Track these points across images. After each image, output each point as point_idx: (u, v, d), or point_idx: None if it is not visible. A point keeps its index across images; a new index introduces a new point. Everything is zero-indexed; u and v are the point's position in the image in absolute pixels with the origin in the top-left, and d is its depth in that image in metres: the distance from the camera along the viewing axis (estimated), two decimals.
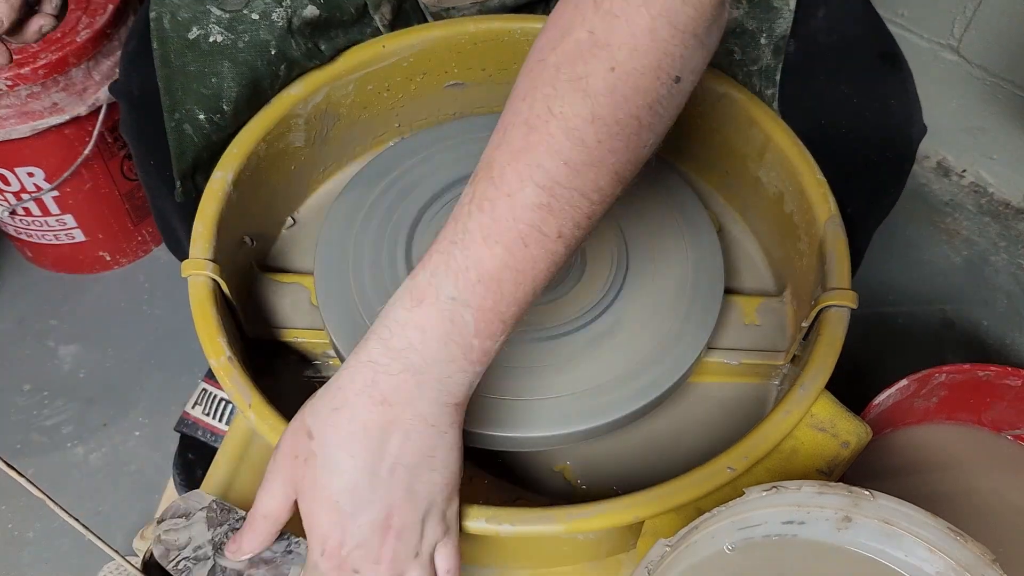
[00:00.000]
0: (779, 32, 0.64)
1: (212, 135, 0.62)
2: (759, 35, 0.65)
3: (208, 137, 0.62)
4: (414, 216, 0.63)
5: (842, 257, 0.58)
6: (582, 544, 0.53)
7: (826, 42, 0.64)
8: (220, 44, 0.61)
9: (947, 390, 0.76)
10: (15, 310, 1.12)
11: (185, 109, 0.61)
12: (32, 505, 0.93)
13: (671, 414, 0.62)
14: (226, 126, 0.62)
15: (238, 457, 0.60)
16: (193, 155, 0.62)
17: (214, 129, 0.62)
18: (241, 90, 0.62)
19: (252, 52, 0.61)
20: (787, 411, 0.51)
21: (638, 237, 0.62)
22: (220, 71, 0.61)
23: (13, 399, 1.02)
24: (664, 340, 0.57)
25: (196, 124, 0.61)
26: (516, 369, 0.55)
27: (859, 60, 0.64)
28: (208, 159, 0.63)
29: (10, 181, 0.99)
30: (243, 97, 0.62)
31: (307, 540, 0.44)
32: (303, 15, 0.62)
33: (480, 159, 0.44)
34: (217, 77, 0.61)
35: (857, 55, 0.64)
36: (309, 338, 0.61)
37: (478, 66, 0.72)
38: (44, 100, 0.91)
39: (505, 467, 0.60)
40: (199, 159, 0.63)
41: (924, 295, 1.15)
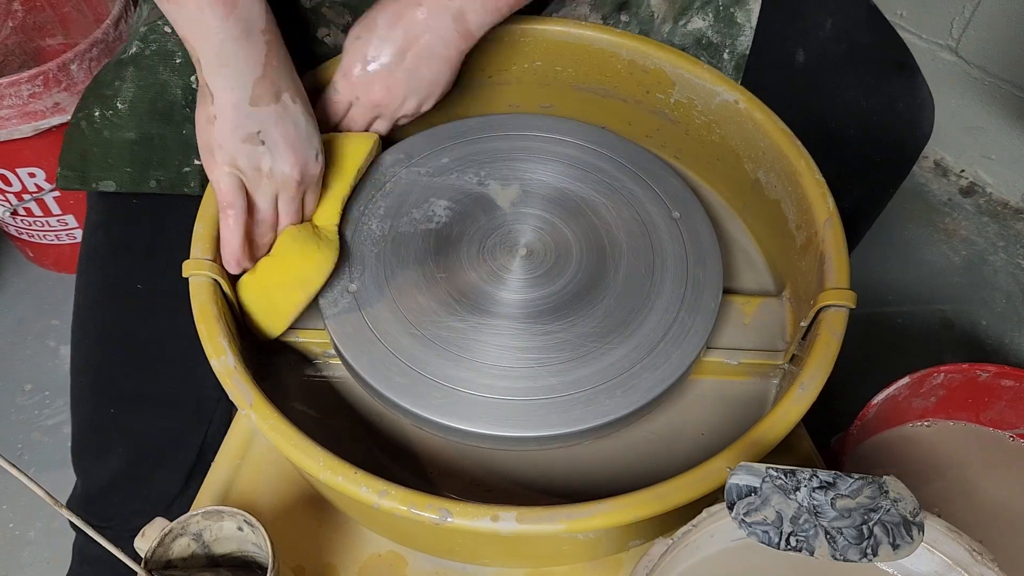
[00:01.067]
0: (740, 49, 0.68)
1: (103, 130, 0.63)
2: (723, 49, 0.69)
3: (99, 132, 0.63)
4: (413, 217, 0.63)
5: (841, 257, 0.58)
6: (582, 543, 0.53)
7: (835, 51, 0.66)
8: (132, 55, 0.64)
9: (945, 390, 0.76)
10: (16, 310, 1.12)
11: (87, 109, 0.64)
12: (33, 505, 0.94)
13: (671, 413, 0.62)
14: (120, 124, 0.63)
15: (239, 457, 0.61)
16: (80, 147, 0.64)
17: (106, 124, 0.63)
18: (139, 91, 0.63)
19: (155, 58, 0.63)
20: (786, 411, 0.52)
21: (637, 236, 0.63)
22: (123, 75, 0.63)
23: (14, 399, 1.03)
24: (663, 340, 0.57)
25: (90, 120, 0.63)
26: (515, 369, 0.55)
27: (868, 66, 0.65)
28: (99, 155, 0.64)
29: (11, 181, 1.00)
30: (141, 98, 0.63)
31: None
32: None
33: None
34: (120, 80, 0.63)
35: (866, 61, 0.65)
36: (309, 338, 0.61)
37: (478, 67, 0.72)
38: (46, 100, 0.92)
39: (504, 467, 0.60)
40: (87, 152, 0.64)
41: (923, 295, 1.15)
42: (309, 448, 0.48)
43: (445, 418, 0.53)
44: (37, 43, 1.16)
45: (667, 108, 0.72)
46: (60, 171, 0.64)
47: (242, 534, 0.49)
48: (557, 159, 0.67)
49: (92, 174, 0.64)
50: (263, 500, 0.59)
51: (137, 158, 0.64)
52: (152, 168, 0.64)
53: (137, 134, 0.63)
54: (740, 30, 0.68)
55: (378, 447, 0.60)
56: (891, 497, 0.41)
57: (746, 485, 0.42)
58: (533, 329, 0.57)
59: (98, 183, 0.64)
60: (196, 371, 0.64)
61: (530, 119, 0.70)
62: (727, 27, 0.68)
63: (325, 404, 0.62)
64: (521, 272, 0.60)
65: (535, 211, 0.64)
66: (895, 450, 0.78)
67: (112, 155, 0.64)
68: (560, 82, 0.74)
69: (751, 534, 0.41)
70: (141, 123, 0.63)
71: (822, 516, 0.41)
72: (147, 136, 0.63)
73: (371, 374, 0.55)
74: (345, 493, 0.47)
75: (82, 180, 0.64)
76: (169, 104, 0.63)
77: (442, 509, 0.46)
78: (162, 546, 0.47)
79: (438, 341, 0.56)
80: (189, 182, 0.64)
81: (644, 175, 0.66)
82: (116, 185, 0.64)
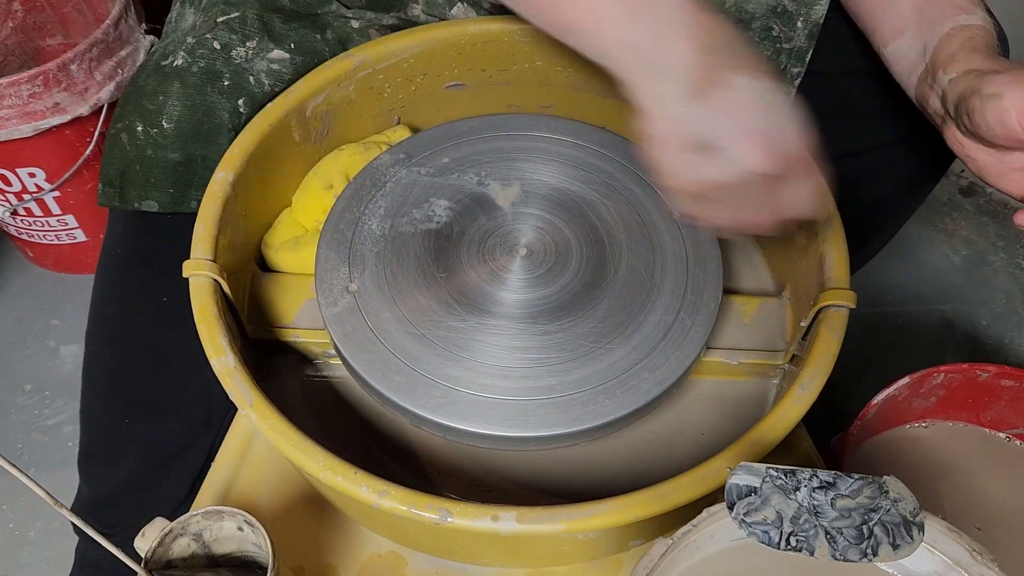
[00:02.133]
0: (815, 18, 0.68)
1: (146, 148, 0.62)
2: (797, 17, 0.68)
3: (142, 149, 0.62)
4: (413, 217, 0.63)
5: (841, 257, 0.58)
6: (581, 543, 0.53)
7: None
8: (177, 67, 0.63)
9: (945, 390, 0.76)
10: (16, 310, 1.12)
11: (127, 120, 0.63)
12: (33, 504, 0.94)
13: (671, 413, 0.62)
14: (165, 144, 0.62)
15: (239, 457, 0.61)
16: (121, 163, 0.63)
17: (149, 142, 0.62)
18: (185, 111, 0.62)
19: (203, 77, 0.62)
20: (786, 410, 0.52)
21: (637, 237, 0.63)
22: (168, 90, 0.62)
23: (14, 399, 1.03)
24: (663, 340, 0.57)
25: (132, 134, 0.62)
26: (515, 369, 0.55)
27: None
28: (140, 174, 0.63)
29: (11, 181, 1.00)
30: (187, 119, 0.62)
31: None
32: (270, 56, 0.64)
33: None
34: (164, 95, 0.62)
35: None
36: (309, 338, 0.61)
37: (478, 67, 0.73)
38: (46, 100, 0.92)
39: (504, 467, 0.60)
40: (128, 169, 0.63)
41: (923, 295, 1.15)
42: (309, 448, 0.48)
43: (444, 418, 0.53)
44: (37, 43, 1.16)
45: None
46: (101, 187, 0.63)
47: (242, 534, 0.49)
48: (557, 159, 0.67)
49: (132, 193, 0.63)
50: (263, 500, 0.59)
51: (180, 179, 0.63)
52: (194, 188, 0.63)
53: (181, 155, 0.63)
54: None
55: (378, 447, 0.60)
56: (891, 497, 0.41)
57: (746, 485, 0.42)
58: (533, 329, 0.57)
59: (140, 202, 0.64)
60: (209, 380, 0.64)
61: (530, 119, 0.70)
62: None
63: (325, 404, 0.62)
64: (521, 272, 0.60)
65: (535, 211, 0.64)
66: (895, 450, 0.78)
67: (154, 175, 0.63)
68: (560, 82, 0.74)
69: (751, 534, 0.41)
70: (186, 144, 0.63)
71: (822, 516, 0.41)
72: (191, 157, 0.63)
73: (370, 373, 0.55)
74: (345, 493, 0.47)
75: (122, 198, 0.64)
76: (215, 127, 0.63)
77: (442, 509, 0.46)
78: (162, 546, 0.47)
79: (438, 341, 0.56)
80: None
81: (644, 175, 0.66)
82: (158, 205, 0.63)
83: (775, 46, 0.71)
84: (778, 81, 0.48)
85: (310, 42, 0.67)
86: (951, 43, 0.58)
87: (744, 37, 0.49)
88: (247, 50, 0.64)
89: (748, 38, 0.53)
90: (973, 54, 0.57)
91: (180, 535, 0.48)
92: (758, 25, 0.70)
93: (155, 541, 0.47)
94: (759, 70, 0.47)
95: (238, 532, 0.49)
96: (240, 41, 0.64)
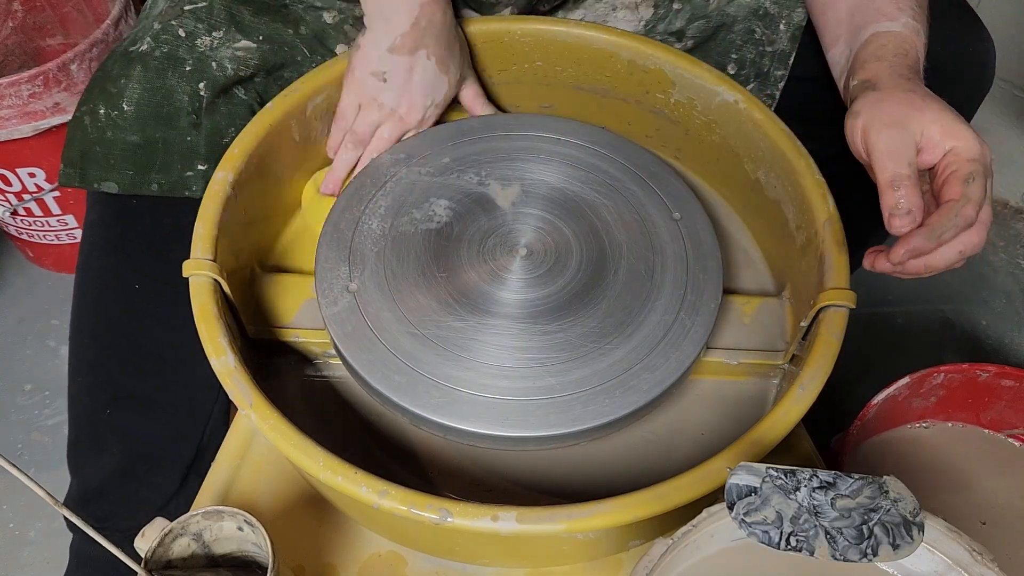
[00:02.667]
0: (796, 21, 0.69)
1: (107, 130, 0.63)
2: (779, 20, 0.69)
3: (102, 131, 0.63)
4: (414, 217, 0.63)
5: (841, 257, 0.58)
6: (581, 543, 0.53)
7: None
8: (141, 52, 0.64)
9: (945, 390, 0.76)
10: (16, 310, 1.12)
11: (91, 104, 0.64)
12: (33, 504, 0.94)
13: (671, 413, 0.62)
14: (124, 126, 0.63)
15: (239, 457, 0.61)
16: (83, 144, 0.64)
17: (109, 124, 0.63)
18: (144, 94, 0.63)
19: (164, 62, 0.63)
20: (786, 411, 0.52)
21: (637, 237, 0.63)
22: (130, 74, 0.63)
23: (14, 398, 1.03)
24: (663, 340, 0.57)
25: (94, 117, 0.64)
26: (515, 369, 0.55)
27: (936, 12, 0.65)
28: (100, 155, 0.64)
29: (11, 182, 1.00)
30: (147, 102, 0.63)
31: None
32: (236, 46, 0.65)
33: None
34: (126, 78, 0.63)
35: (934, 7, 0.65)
36: (309, 338, 0.61)
37: (479, 67, 0.73)
38: (46, 100, 0.92)
39: (504, 467, 0.60)
40: (89, 150, 0.64)
41: (923, 295, 1.15)
42: (309, 448, 0.48)
43: (444, 418, 0.53)
44: (37, 43, 1.16)
45: (667, 108, 0.72)
46: (62, 168, 0.65)
47: (242, 534, 0.49)
48: (557, 159, 0.67)
49: (93, 173, 0.64)
50: (263, 500, 0.59)
51: (139, 161, 0.64)
52: (154, 171, 0.64)
53: (140, 137, 0.63)
54: (798, 2, 0.69)
55: (378, 447, 0.60)
56: (891, 497, 0.41)
57: (746, 485, 0.42)
58: (533, 329, 0.57)
59: (99, 183, 0.64)
60: (192, 371, 0.64)
61: (530, 119, 0.70)
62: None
63: (325, 404, 0.62)
64: (521, 272, 0.60)
65: (535, 211, 0.64)
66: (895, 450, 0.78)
67: (114, 156, 0.64)
68: (560, 82, 0.74)
69: (751, 534, 0.41)
70: (145, 126, 0.63)
71: (822, 516, 0.41)
72: (150, 140, 0.63)
73: (370, 373, 0.55)
74: (345, 493, 0.47)
75: (82, 178, 0.64)
76: (175, 109, 0.63)
77: (442, 509, 0.46)
78: (162, 546, 0.47)
79: (438, 340, 0.56)
80: (191, 186, 0.64)
81: (644, 175, 0.66)
82: (117, 186, 0.64)
83: (758, 49, 0.71)
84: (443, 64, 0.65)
85: (280, 35, 0.68)
86: (865, 50, 0.60)
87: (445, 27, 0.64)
88: (212, 39, 0.65)
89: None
90: (878, 63, 0.58)
91: (180, 535, 0.48)
92: (740, 28, 0.71)
93: (155, 541, 0.47)
94: (438, 54, 0.64)
95: (238, 532, 0.49)
96: (206, 31, 0.65)
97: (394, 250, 0.61)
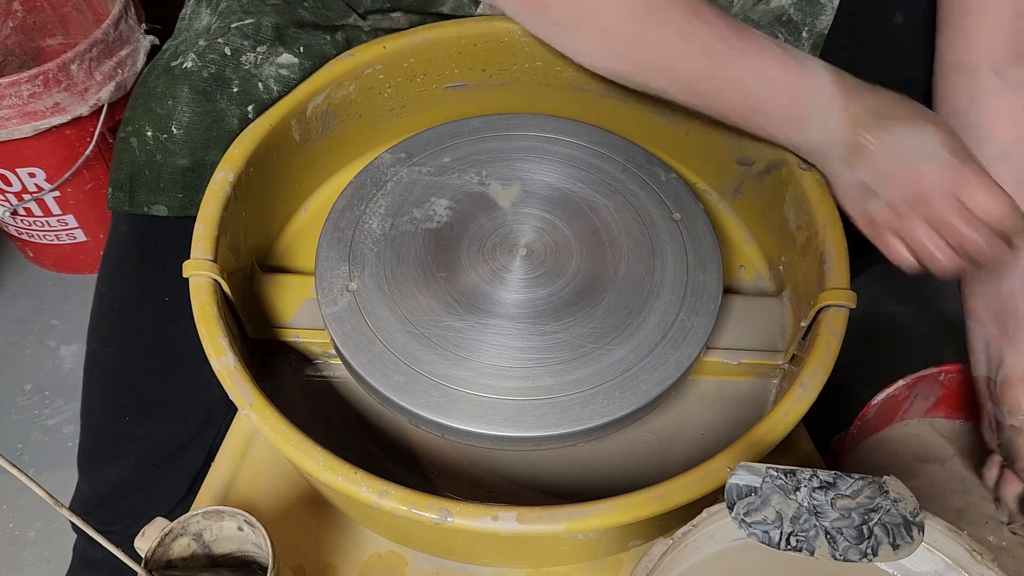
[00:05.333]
0: (820, 28, 0.68)
1: (156, 154, 0.62)
2: (802, 27, 0.69)
3: (151, 155, 0.62)
4: (414, 216, 0.63)
5: (841, 257, 0.58)
6: (582, 544, 0.53)
7: (932, 11, 0.66)
8: (187, 70, 0.62)
9: (945, 390, 0.76)
10: (16, 310, 1.12)
11: (137, 124, 0.63)
12: (33, 504, 0.94)
13: (670, 413, 0.62)
14: (174, 150, 0.62)
15: (239, 457, 0.61)
16: (131, 167, 0.63)
17: (159, 148, 0.62)
18: (195, 117, 0.62)
19: (213, 84, 0.62)
20: (786, 410, 0.52)
21: (637, 237, 0.63)
22: (178, 94, 0.62)
23: (14, 398, 1.03)
24: (663, 340, 0.57)
25: (142, 139, 0.62)
26: (514, 369, 0.55)
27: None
28: (150, 179, 0.63)
29: (11, 182, 1.00)
30: (197, 125, 0.62)
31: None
32: (279, 61, 0.64)
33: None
34: (174, 99, 0.62)
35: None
36: (309, 338, 0.61)
37: (479, 67, 0.73)
38: (46, 100, 0.91)
39: (504, 467, 0.60)
40: (138, 174, 0.63)
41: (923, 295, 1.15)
42: (309, 448, 0.48)
43: (443, 417, 0.53)
44: (37, 43, 1.16)
45: (667, 108, 0.72)
46: (111, 191, 0.64)
47: (242, 534, 0.49)
48: (557, 159, 0.67)
49: (142, 197, 0.63)
50: (263, 500, 0.59)
51: (189, 184, 0.63)
52: (202, 192, 0.63)
53: (191, 161, 0.63)
54: (822, 9, 0.68)
55: (378, 447, 0.60)
56: (891, 497, 0.41)
57: (746, 485, 0.42)
58: (532, 329, 0.57)
59: (149, 207, 0.64)
60: (209, 380, 0.64)
61: (530, 119, 0.70)
62: (809, 5, 0.68)
63: (325, 404, 0.62)
64: (521, 272, 0.60)
65: (535, 211, 0.64)
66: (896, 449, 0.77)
67: (164, 179, 0.63)
68: (560, 82, 0.74)
69: (751, 534, 0.41)
70: (196, 151, 0.63)
71: (822, 516, 0.41)
72: (200, 163, 0.63)
73: (369, 372, 0.55)
74: (345, 493, 0.47)
75: (132, 202, 0.64)
76: (225, 133, 0.63)
77: (442, 509, 0.46)
78: (162, 546, 0.47)
79: (437, 340, 0.56)
80: None
81: (644, 175, 0.66)
82: (168, 210, 0.64)
83: None
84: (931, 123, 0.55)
85: (319, 44, 0.67)
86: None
87: (888, 93, 0.57)
88: (256, 55, 0.64)
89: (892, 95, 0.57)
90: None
91: (180, 535, 0.48)
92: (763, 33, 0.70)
93: (155, 541, 0.47)
94: (898, 120, 0.55)
95: (238, 532, 0.49)
96: (251, 47, 0.64)
97: (394, 250, 0.61)
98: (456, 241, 0.61)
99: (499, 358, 0.56)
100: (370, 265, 0.60)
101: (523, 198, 0.64)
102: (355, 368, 0.56)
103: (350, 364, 0.56)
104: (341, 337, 0.56)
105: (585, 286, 0.60)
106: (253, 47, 0.64)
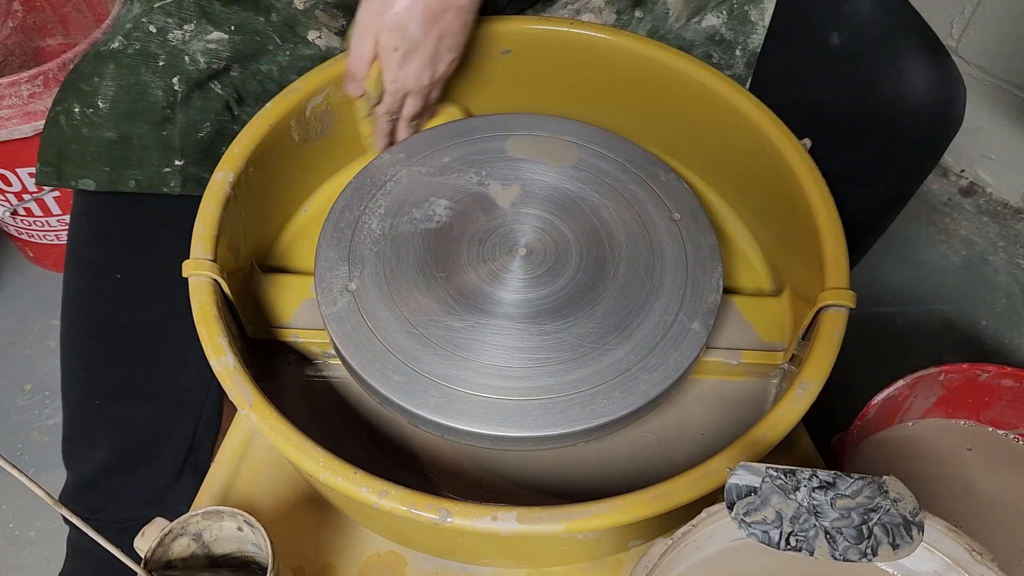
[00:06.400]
0: (752, 47, 0.69)
1: (82, 128, 0.63)
2: (735, 46, 0.70)
3: (78, 129, 0.63)
4: (413, 216, 0.63)
5: (840, 257, 0.58)
6: (581, 544, 0.53)
7: (870, 33, 0.67)
8: (114, 50, 0.64)
9: (945, 390, 0.76)
10: (16, 310, 1.12)
11: (66, 103, 0.64)
12: (33, 504, 0.94)
13: (670, 413, 0.62)
14: (100, 123, 0.63)
15: (239, 457, 0.61)
16: (59, 143, 0.64)
17: (85, 122, 0.63)
18: (119, 91, 0.63)
19: (137, 58, 0.63)
20: (786, 410, 0.52)
21: (637, 237, 0.63)
22: (104, 71, 0.63)
23: (14, 399, 1.03)
24: (662, 341, 0.57)
25: (69, 116, 0.64)
26: (514, 369, 0.55)
27: (902, 48, 0.66)
28: (76, 152, 0.64)
29: (11, 182, 1.00)
30: (121, 98, 0.63)
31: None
32: (208, 38, 0.65)
33: None
34: (99, 76, 0.63)
35: (900, 44, 0.66)
36: (309, 338, 0.61)
37: (478, 66, 0.72)
38: (46, 100, 0.92)
39: (504, 467, 0.60)
40: (65, 148, 0.64)
41: (923, 295, 1.15)
42: (309, 448, 0.48)
43: (442, 417, 0.53)
44: (37, 43, 1.16)
45: (667, 109, 0.72)
46: (39, 167, 0.65)
47: (242, 534, 0.49)
48: (557, 159, 0.67)
49: (69, 171, 0.64)
50: (263, 500, 0.59)
51: (115, 157, 0.64)
52: (130, 168, 0.64)
53: (116, 134, 0.63)
54: (753, 28, 0.69)
55: (378, 447, 0.60)
56: (891, 497, 0.41)
57: (746, 485, 0.42)
58: (532, 329, 0.57)
59: (76, 181, 0.64)
60: (180, 362, 0.65)
61: (530, 119, 0.70)
62: (741, 24, 0.69)
63: (325, 404, 0.62)
64: (520, 272, 0.60)
65: (535, 211, 0.64)
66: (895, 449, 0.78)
67: (90, 153, 0.64)
68: (560, 82, 0.74)
69: (751, 534, 0.41)
70: (120, 123, 0.63)
71: (822, 516, 0.41)
72: (126, 136, 0.63)
73: (369, 372, 0.55)
74: (345, 493, 0.47)
75: (59, 176, 0.64)
76: (149, 105, 0.63)
77: (442, 509, 0.46)
78: (162, 546, 0.47)
79: (437, 340, 0.56)
80: (169, 182, 0.64)
81: (644, 175, 0.66)
82: (95, 184, 0.64)
83: None
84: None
85: (251, 24, 0.67)
86: None
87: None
88: (184, 33, 0.65)
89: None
90: None
91: (180, 535, 0.48)
92: (697, 53, 0.72)
93: (155, 541, 0.47)
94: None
95: (238, 532, 0.49)
96: (177, 24, 0.64)
97: (394, 250, 0.61)
98: (456, 241, 0.61)
99: (499, 358, 0.56)
100: (370, 265, 0.60)
101: (523, 198, 0.64)
102: (355, 368, 0.56)
103: (350, 364, 0.56)
104: (341, 337, 0.57)
105: (585, 286, 0.60)
106: (180, 24, 0.64)
